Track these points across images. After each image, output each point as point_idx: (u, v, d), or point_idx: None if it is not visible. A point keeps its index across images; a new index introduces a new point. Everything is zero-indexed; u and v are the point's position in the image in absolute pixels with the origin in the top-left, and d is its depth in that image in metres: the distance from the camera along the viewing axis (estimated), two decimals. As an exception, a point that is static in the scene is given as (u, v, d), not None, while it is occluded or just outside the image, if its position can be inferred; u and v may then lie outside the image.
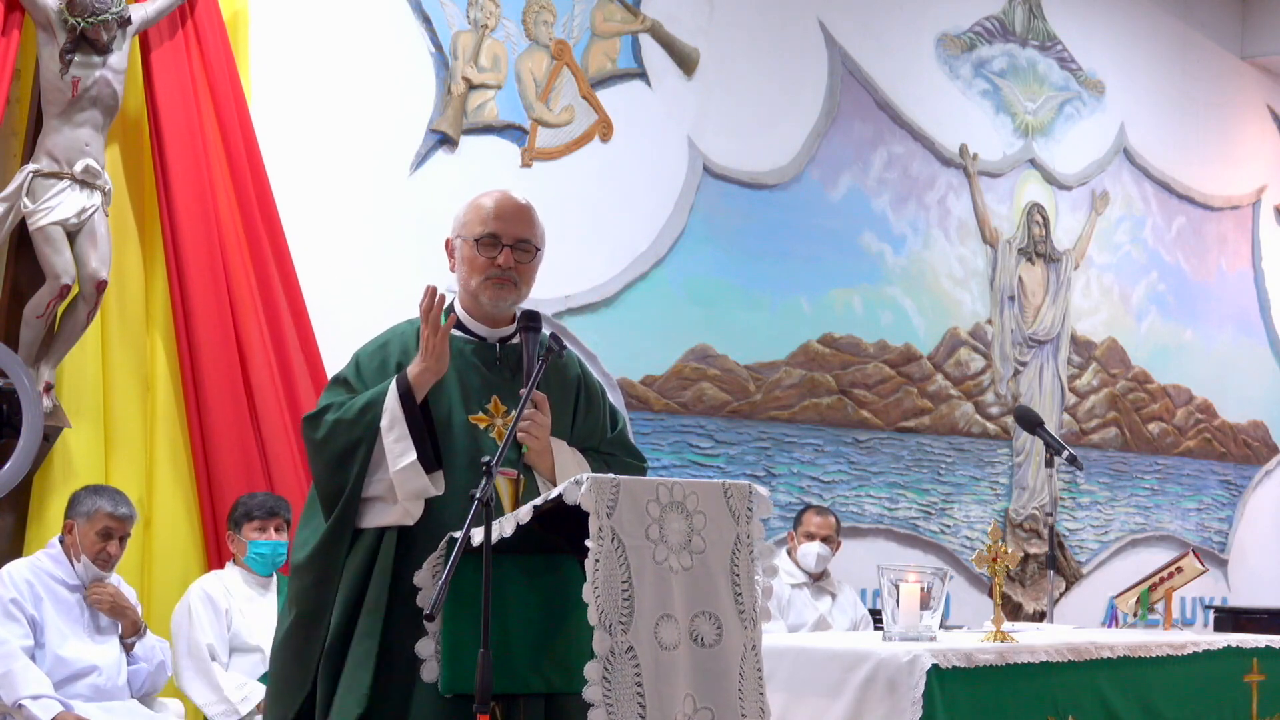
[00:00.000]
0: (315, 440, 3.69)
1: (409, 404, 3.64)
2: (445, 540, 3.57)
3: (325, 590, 3.66)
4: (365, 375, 3.77)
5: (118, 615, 5.33)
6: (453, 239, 3.88)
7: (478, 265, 3.82)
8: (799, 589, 7.21)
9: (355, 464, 3.64)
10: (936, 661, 4.50)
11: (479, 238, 3.81)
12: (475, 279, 3.83)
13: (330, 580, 3.66)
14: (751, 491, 3.69)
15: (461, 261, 3.85)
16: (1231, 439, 11.46)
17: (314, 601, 3.67)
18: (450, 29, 7.06)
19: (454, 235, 3.88)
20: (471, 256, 3.82)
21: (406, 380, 3.67)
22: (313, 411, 3.75)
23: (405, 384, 3.66)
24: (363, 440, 3.63)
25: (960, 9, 9.49)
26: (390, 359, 3.79)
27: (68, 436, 5.64)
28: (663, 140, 7.86)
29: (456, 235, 3.87)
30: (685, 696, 3.47)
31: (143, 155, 5.92)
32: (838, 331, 8.64)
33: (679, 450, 7.85)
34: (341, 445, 3.65)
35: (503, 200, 3.87)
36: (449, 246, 3.89)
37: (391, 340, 3.85)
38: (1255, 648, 5.74)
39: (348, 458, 3.64)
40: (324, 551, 3.66)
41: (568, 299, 7.39)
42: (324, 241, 6.44)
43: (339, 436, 3.65)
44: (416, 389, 3.66)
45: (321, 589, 3.66)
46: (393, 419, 3.63)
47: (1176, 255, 11.05)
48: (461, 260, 3.85)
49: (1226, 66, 11.47)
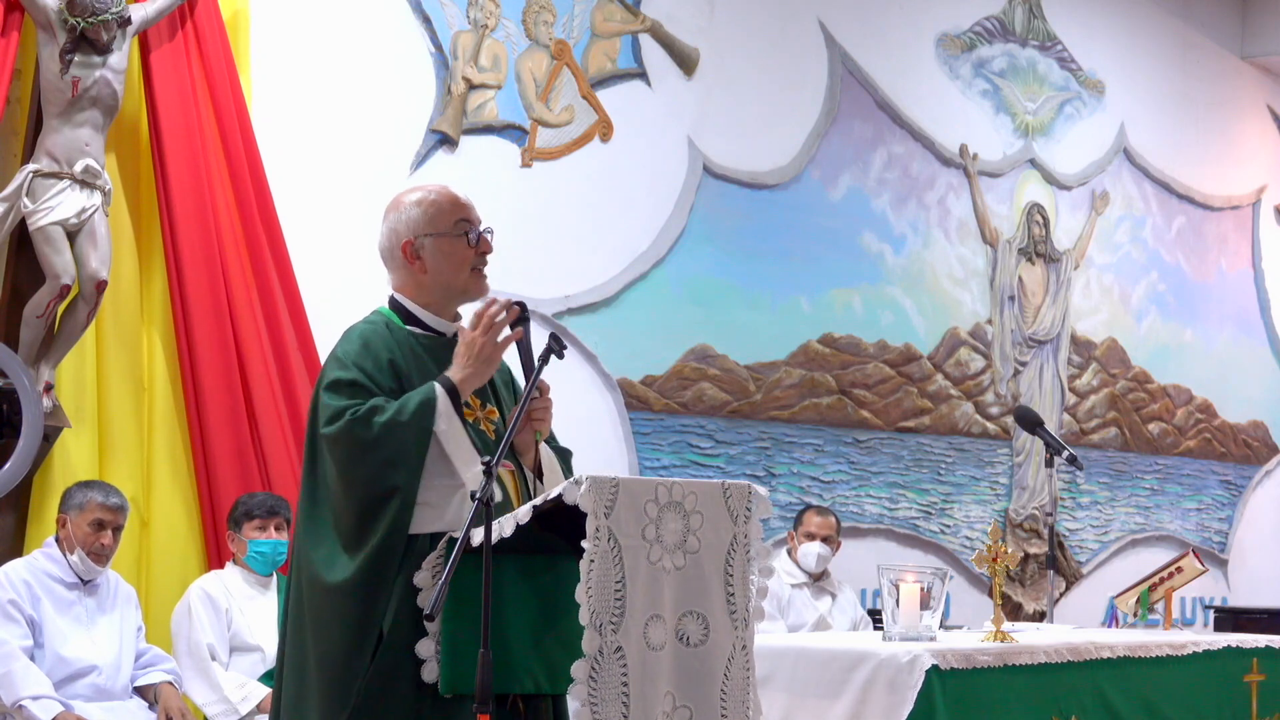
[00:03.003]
0: (367, 440, 3.53)
1: (459, 408, 3.59)
2: (445, 540, 3.57)
3: (376, 606, 3.52)
4: (369, 374, 3.66)
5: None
6: (415, 239, 3.76)
7: (464, 256, 3.78)
8: (799, 589, 7.22)
9: (412, 467, 3.53)
10: (936, 662, 4.50)
11: (458, 227, 3.77)
12: (463, 272, 3.79)
13: (383, 593, 3.52)
14: (751, 492, 3.69)
15: (439, 258, 3.76)
16: (1231, 439, 11.45)
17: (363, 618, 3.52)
18: (450, 29, 7.06)
19: (417, 235, 3.76)
20: (454, 249, 3.77)
21: (450, 382, 3.61)
22: (350, 414, 3.56)
23: (450, 386, 3.61)
24: (418, 443, 3.54)
25: (960, 9, 9.49)
26: (381, 357, 3.69)
27: (67, 437, 5.64)
28: (662, 140, 7.85)
29: (423, 234, 3.76)
30: (665, 695, 3.48)
31: (141, 156, 5.92)
32: (838, 331, 8.64)
33: (679, 450, 7.85)
34: (397, 447, 3.53)
35: (453, 191, 3.84)
36: (409, 249, 3.76)
37: (370, 339, 3.73)
38: (1255, 648, 5.74)
39: (404, 460, 3.53)
40: (377, 562, 3.52)
41: (567, 299, 7.39)
42: (323, 242, 6.43)
43: (394, 438, 3.52)
44: (462, 390, 3.62)
45: (371, 605, 3.52)
46: (449, 423, 3.57)
47: (1176, 255, 11.05)
48: (439, 257, 3.76)
49: (1226, 66, 11.46)
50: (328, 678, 3.56)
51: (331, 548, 3.58)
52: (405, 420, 3.54)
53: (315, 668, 3.59)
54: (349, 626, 3.53)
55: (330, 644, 3.56)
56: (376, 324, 3.79)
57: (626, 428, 7.62)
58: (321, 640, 3.57)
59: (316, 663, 3.58)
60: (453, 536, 3.52)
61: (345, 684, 3.53)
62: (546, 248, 7.31)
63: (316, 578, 3.59)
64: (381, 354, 3.70)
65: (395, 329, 3.78)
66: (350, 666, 3.53)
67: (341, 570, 3.54)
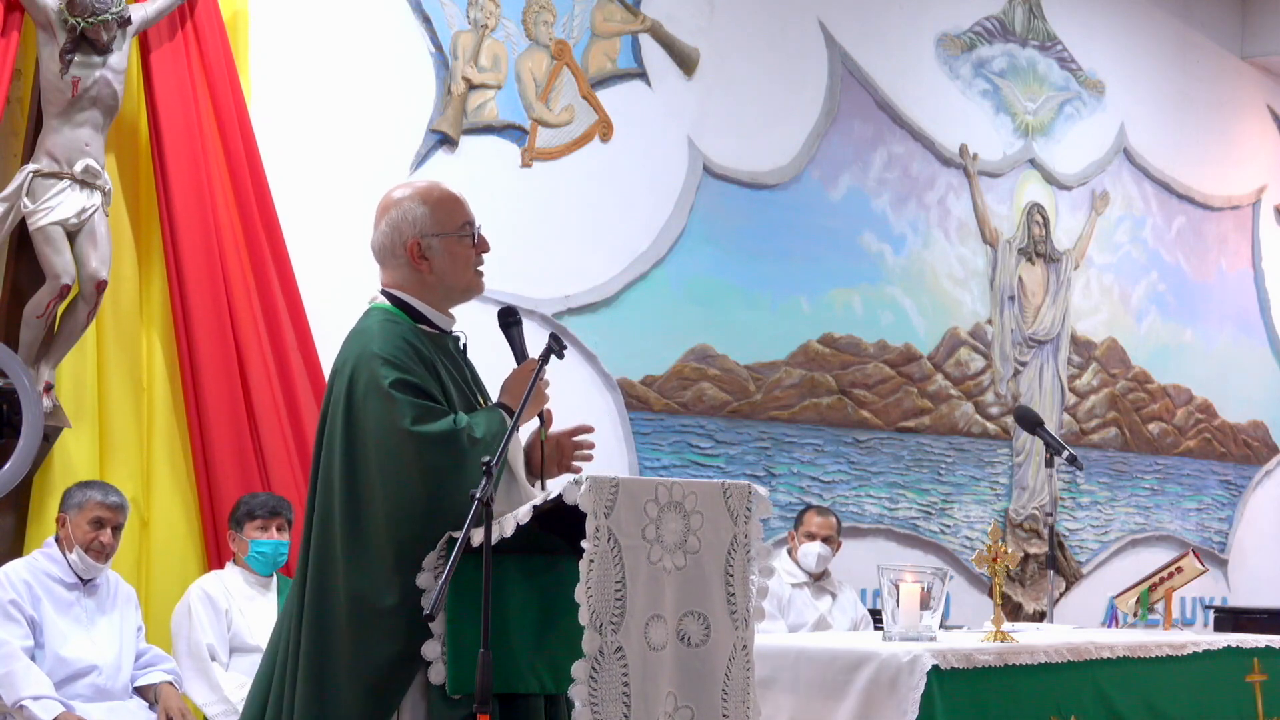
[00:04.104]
0: (461, 450, 3.53)
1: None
2: (445, 540, 3.56)
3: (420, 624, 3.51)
4: (422, 377, 3.63)
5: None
6: (424, 239, 3.75)
7: (466, 258, 3.79)
8: (799, 589, 7.22)
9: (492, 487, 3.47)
10: (936, 662, 4.50)
11: (462, 229, 3.78)
12: (467, 273, 3.79)
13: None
14: (751, 492, 3.69)
15: (446, 258, 3.76)
16: (1231, 439, 11.45)
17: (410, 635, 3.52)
18: (450, 29, 7.06)
19: (425, 235, 3.75)
20: (456, 250, 3.77)
21: (511, 412, 3.67)
22: (452, 419, 3.55)
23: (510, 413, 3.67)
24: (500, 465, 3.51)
25: (960, 9, 9.49)
26: (422, 354, 3.67)
27: (67, 437, 5.64)
28: (663, 140, 7.85)
29: (431, 234, 3.75)
30: (667, 695, 3.48)
31: (141, 156, 5.92)
32: (838, 331, 8.64)
33: (679, 450, 7.85)
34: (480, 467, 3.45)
35: (451, 190, 3.85)
36: (415, 248, 3.75)
37: (407, 337, 3.69)
38: (1255, 648, 5.74)
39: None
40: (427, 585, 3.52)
41: (567, 299, 7.39)
42: (323, 242, 6.43)
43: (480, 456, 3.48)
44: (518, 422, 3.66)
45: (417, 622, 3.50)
46: (515, 452, 3.71)
47: (1176, 255, 11.05)
48: (446, 257, 3.76)
49: (1226, 66, 11.46)
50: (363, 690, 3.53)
51: (379, 569, 3.53)
52: (489, 442, 3.55)
53: (348, 682, 3.54)
54: (396, 645, 3.52)
55: (373, 662, 3.53)
56: (389, 320, 3.74)
57: (626, 428, 7.62)
58: (362, 656, 3.53)
59: (350, 678, 3.54)
60: (452, 536, 3.51)
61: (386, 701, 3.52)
62: (546, 248, 7.31)
63: (363, 600, 3.53)
64: (422, 353, 3.68)
65: (406, 326, 3.75)
66: (394, 683, 3.52)
67: (392, 595, 3.51)
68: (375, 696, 3.53)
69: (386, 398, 3.56)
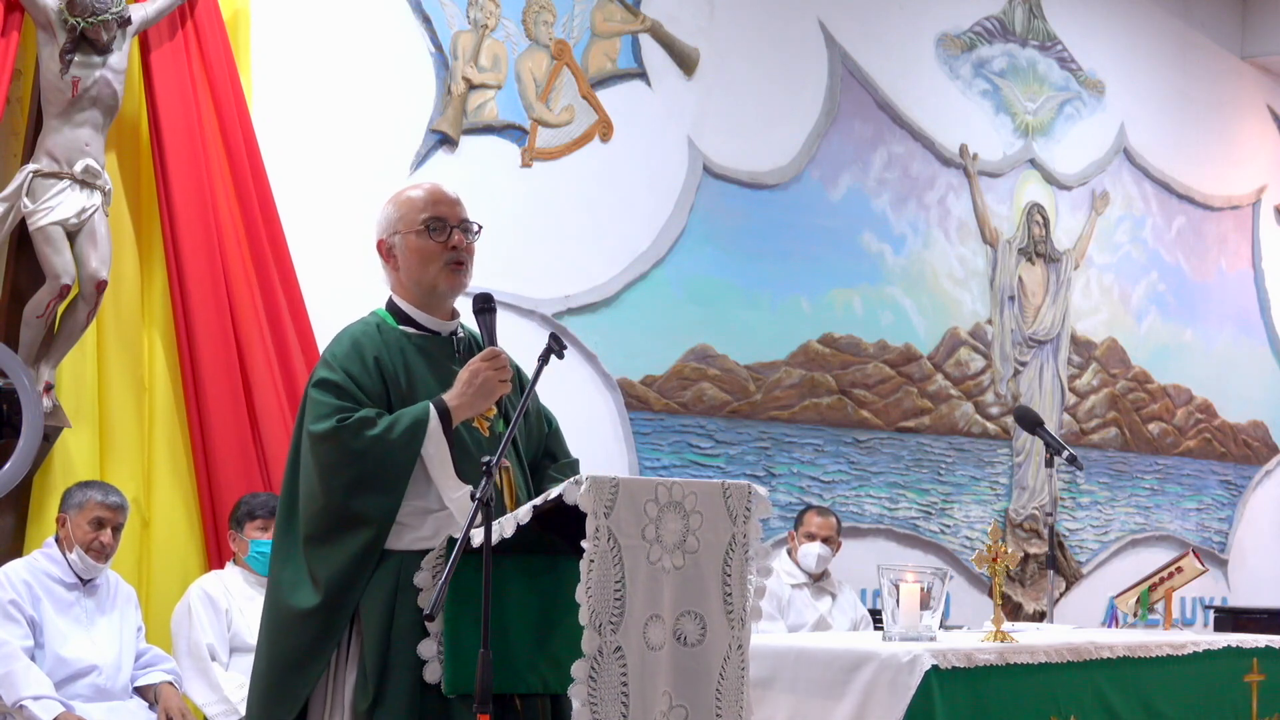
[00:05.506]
0: (353, 451, 3.57)
1: (449, 432, 3.62)
2: (444, 540, 3.57)
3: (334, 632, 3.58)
4: (355, 377, 3.69)
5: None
6: (388, 239, 3.83)
7: (432, 253, 3.80)
8: (799, 589, 7.22)
9: (400, 485, 3.57)
10: (936, 662, 4.50)
11: (426, 224, 3.79)
12: (432, 268, 3.80)
13: (341, 619, 3.58)
14: (751, 492, 3.69)
15: (409, 255, 3.80)
16: (1231, 439, 11.45)
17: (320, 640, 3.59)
18: (450, 29, 7.06)
19: (388, 234, 3.83)
20: (421, 246, 3.79)
21: (444, 405, 3.64)
22: (338, 419, 3.59)
23: (443, 409, 3.64)
24: (408, 463, 3.58)
25: (960, 9, 9.49)
26: (368, 356, 3.73)
27: (67, 437, 5.64)
28: (663, 140, 7.86)
29: (393, 233, 3.82)
30: (663, 694, 3.49)
31: (141, 156, 5.92)
32: (838, 331, 8.64)
33: (679, 450, 7.85)
34: (382, 464, 3.57)
35: (433, 188, 3.88)
36: (383, 248, 3.84)
37: (360, 340, 3.77)
38: (1255, 648, 5.74)
39: (393, 478, 3.57)
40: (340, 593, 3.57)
41: (567, 299, 7.39)
42: (324, 242, 6.44)
43: (383, 455, 3.56)
44: (455, 416, 3.65)
45: (330, 630, 3.58)
46: (438, 448, 3.60)
47: (1176, 255, 11.05)
48: (408, 254, 3.80)
49: (1226, 66, 11.46)
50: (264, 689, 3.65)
51: (298, 570, 3.63)
52: (394, 439, 3.58)
53: (256, 680, 3.67)
54: (304, 646, 3.60)
55: (283, 656, 3.62)
56: (369, 325, 3.83)
57: (626, 428, 7.62)
58: (275, 649, 3.64)
59: (266, 669, 3.66)
60: (453, 536, 3.52)
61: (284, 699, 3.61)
62: (546, 248, 7.31)
63: (281, 598, 3.65)
64: (369, 355, 3.73)
65: (387, 329, 3.81)
66: (295, 682, 3.60)
67: (307, 598, 3.59)
68: (275, 696, 3.62)
69: (306, 397, 3.70)
